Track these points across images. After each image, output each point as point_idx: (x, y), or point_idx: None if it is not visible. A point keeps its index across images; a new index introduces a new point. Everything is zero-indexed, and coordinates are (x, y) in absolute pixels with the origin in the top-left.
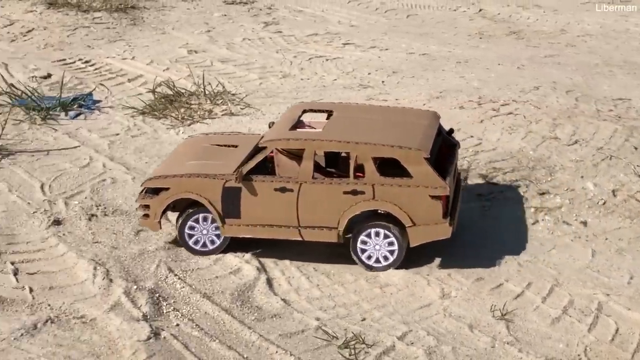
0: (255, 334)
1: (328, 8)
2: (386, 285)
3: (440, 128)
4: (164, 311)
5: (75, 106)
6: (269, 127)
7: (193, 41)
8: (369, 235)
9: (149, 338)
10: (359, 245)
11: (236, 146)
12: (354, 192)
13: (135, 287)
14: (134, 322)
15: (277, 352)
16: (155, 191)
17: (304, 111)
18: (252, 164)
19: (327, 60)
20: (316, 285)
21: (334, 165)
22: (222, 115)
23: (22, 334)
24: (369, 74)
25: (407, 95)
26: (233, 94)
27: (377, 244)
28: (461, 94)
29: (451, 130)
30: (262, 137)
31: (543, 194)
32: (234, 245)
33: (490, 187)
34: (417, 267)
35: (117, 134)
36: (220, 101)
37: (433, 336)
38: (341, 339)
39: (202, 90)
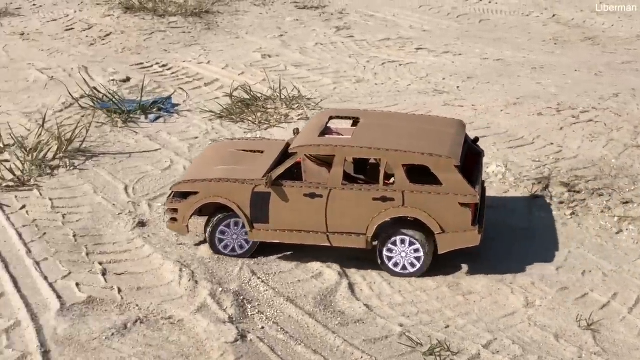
0: (339, 339)
1: (399, 13)
2: (469, 293)
3: (466, 136)
4: (249, 314)
5: (154, 109)
6: (294, 133)
7: (266, 46)
8: (395, 243)
9: (236, 340)
10: (385, 252)
11: (262, 152)
12: (384, 199)
13: (220, 289)
14: (221, 324)
15: (362, 357)
16: (184, 195)
17: (331, 118)
18: (281, 169)
19: (400, 65)
20: (398, 291)
21: (362, 172)
22: (298, 119)
23: (113, 334)
24: (443, 79)
25: (484, 101)
26: (308, 99)
27: (403, 251)
28: (539, 101)
29: (476, 139)
30: (290, 143)
31: (626, 203)
32: (315, 250)
33: (572, 196)
34: (500, 275)
35: (196, 137)
36: (296, 105)
37: (519, 345)
38: (426, 345)
39: (278, 94)
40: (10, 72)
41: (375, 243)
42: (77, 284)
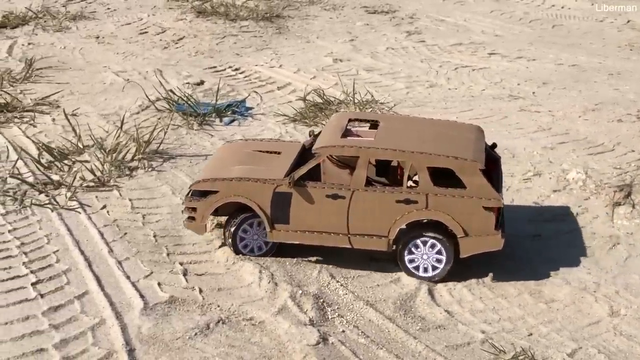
0: (421, 344)
1: (470, 17)
2: (552, 300)
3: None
4: (329, 317)
5: (229, 112)
6: (310, 135)
7: (337, 50)
8: (416, 246)
9: (317, 343)
10: (406, 255)
11: (279, 153)
12: (407, 201)
13: (300, 291)
14: (302, 327)
15: None
16: (203, 194)
17: (350, 120)
18: (304, 169)
19: (473, 70)
20: (479, 298)
21: (382, 175)
22: None
23: (196, 333)
24: (518, 84)
25: (560, 107)
26: (382, 103)
27: (425, 254)
28: (618, 107)
29: (494, 145)
30: (306, 144)
31: None
32: (392, 255)
33: None
34: (582, 283)
35: None
36: (369, 110)
37: (604, 354)
38: (509, 353)
39: (352, 98)
40: (87, 75)
41: (394, 246)
42: (159, 284)
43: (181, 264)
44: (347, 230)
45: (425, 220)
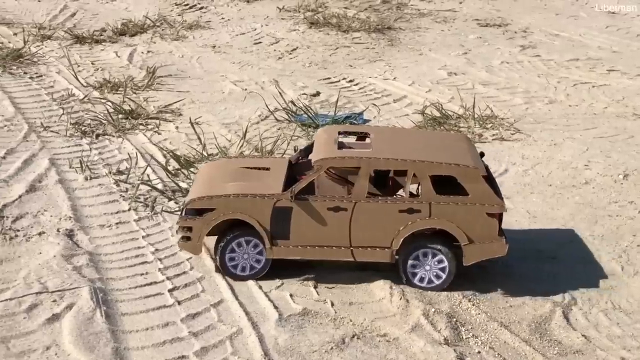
0: None
1: (586, 32)
2: None
3: None
4: (463, 337)
5: (347, 124)
6: (295, 150)
7: (451, 63)
8: (418, 257)
9: None
10: (409, 266)
11: (268, 169)
12: (410, 211)
13: (432, 309)
14: (438, 346)
15: None
16: (198, 212)
17: (339, 133)
18: (304, 182)
19: (593, 87)
20: (616, 323)
21: (380, 186)
22: (493, 140)
23: (332, 347)
24: None
25: None
26: (501, 119)
27: (427, 264)
28: None
29: (482, 154)
30: (292, 160)
31: None
32: (523, 275)
33: None
34: None
35: None
36: (490, 125)
37: None
38: None
39: (471, 113)
40: (205, 84)
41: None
42: (291, 295)
43: (311, 276)
44: (350, 243)
45: (428, 232)
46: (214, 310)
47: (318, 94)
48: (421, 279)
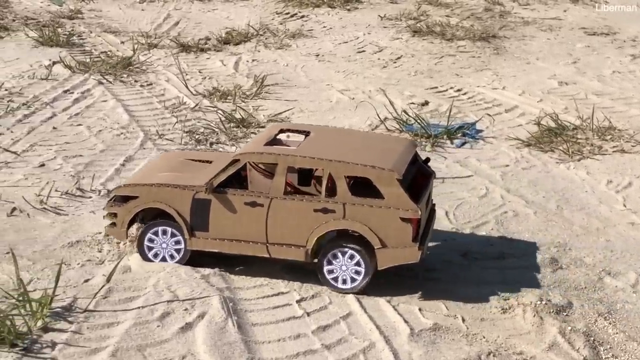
0: None
1: None
2: None
3: (416, 155)
4: (602, 356)
5: (459, 134)
6: None
7: (560, 72)
8: (335, 256)
9: None
10: (325, 266)
11: (211, 162)
12: (325, 211)
13: (568, 328)
14: None
15: None
16: (124, 200)
17: (281, 130)
18: (222, 176)
19: None
20: None
21: (306, 184)
22: (613, 152)
23: None
24: None
25: None
26: (619, 130)
27: (343, 265)
28: None
29: (427, 160)
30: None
31: None
32: None
33: None
34: None
35: (507, 165)
36: (609, 137)
37: None
38: None
39: (589, 124)
40: (312, 93)
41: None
42: (420, 309)
43: (436, 290)
44: (266, 239)
45: (351, 232)
46: (344, 323)
47: (427, 103)
48: (336, 279)
